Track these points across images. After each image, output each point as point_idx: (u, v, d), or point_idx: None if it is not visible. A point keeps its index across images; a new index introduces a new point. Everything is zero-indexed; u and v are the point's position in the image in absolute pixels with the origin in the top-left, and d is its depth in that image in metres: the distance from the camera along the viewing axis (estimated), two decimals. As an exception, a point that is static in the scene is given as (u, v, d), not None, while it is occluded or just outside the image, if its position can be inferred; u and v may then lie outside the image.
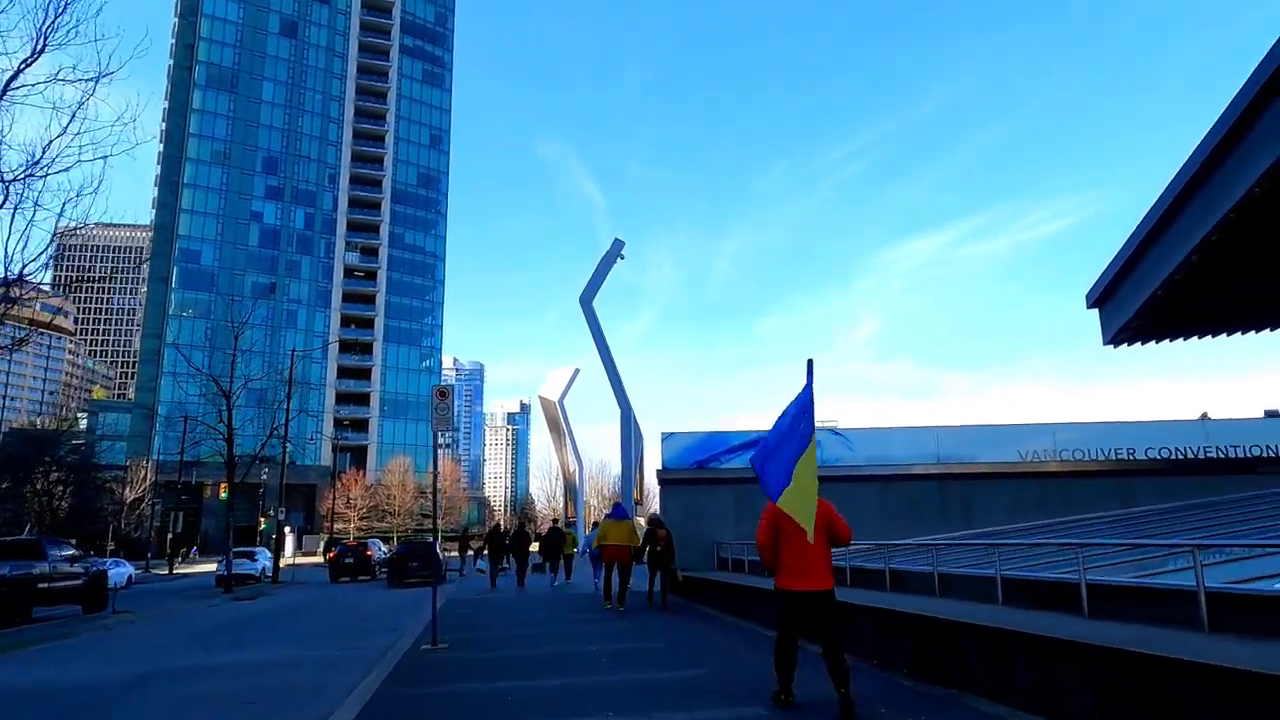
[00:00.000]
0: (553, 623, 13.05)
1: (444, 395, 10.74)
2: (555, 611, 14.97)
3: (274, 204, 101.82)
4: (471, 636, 11.67)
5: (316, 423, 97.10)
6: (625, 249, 40.13)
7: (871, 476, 18.11)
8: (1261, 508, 12.19)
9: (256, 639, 13.32)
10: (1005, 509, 17.43)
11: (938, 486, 17.92)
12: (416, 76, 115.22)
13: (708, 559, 18.06)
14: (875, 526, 17.47)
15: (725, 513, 18.22)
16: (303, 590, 28.72)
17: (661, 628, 11.97)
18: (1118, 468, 17.55)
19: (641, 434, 41.18)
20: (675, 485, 18.94)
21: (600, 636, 11.07)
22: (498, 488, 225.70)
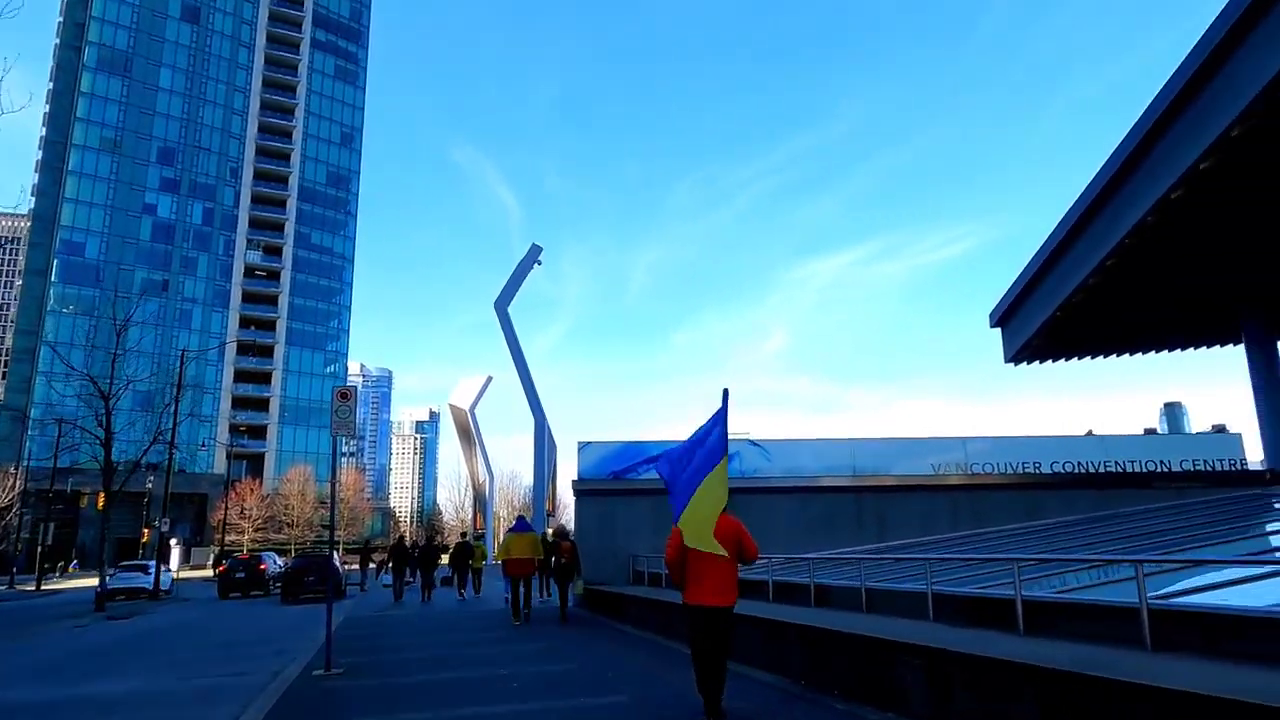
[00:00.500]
0: (460, 644, 12.25)
1: (345, 397, 9.89)
2: (462, 630, 14.15)
3: (169, 197, 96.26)
4: (370, 660, 10.78)
5: (210, 428, 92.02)
6: (542, 255, 39.33)
7: (789, 489, 17.97)
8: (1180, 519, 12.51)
9: (121, 667, 12.00)
10: (919, 521, 17.55)
11: (854, 499, 17.92)
12: (329, 72, 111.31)
13: (623, 572, 17.53)
14: (793, 539, 17.30)
15: (642, 525, 17.73)
16: (187, 608, 26.70)
17: (576, 648, 11.36)
18: (1025, 481, 17.95)
19: (555, 444, 40.35)
20: (591, 496, 18.34)
21: (512, 658, 10.38)
22: (404, 498, 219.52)
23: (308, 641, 13.81)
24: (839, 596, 10.09)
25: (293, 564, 28.34)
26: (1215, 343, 23.89)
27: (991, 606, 7.37)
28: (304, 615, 20.52)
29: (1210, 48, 9.28)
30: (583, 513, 18.38)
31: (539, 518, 36.35)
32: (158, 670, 11.32)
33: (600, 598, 16.61)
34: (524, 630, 13.71)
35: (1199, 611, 5.58)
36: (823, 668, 7.72)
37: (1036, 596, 6.89)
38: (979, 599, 7.69)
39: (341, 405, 9.81)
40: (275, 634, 16.02)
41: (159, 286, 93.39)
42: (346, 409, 9.83)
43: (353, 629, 15.15)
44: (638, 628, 13.17)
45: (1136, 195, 13.81)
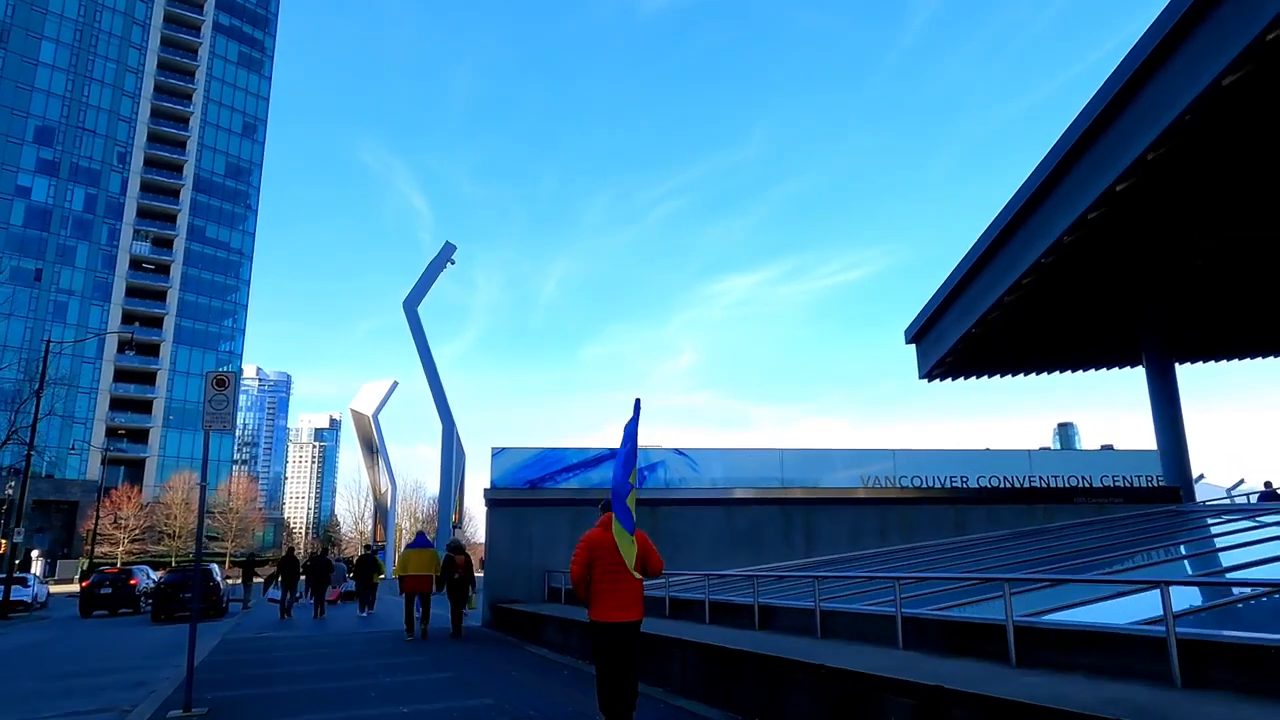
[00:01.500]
0: (351, 673, 10.73)
1: (223, 384, 8.36)
2: (354, 655, 12.57)
3: (46, 179, 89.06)
4: (243, 695, 9.19)
5: (84, 430, 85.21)
6: (455, 255, 37.66)
7: (715, 500, 17.08)
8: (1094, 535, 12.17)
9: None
10: (848, 535, 16.97)
11: (781, 512, 17.17)
12: (231, 58, 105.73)
13: (538, 590, 16.23)
14: (718, 552, 16.45)
15: (559, 537, 16.47)
16: (42, 627, 23.76)
17: (489, 677, 10.04)
18: (952, 496, 17.61)
19: (464, 452, 38.56)
20: (504, 506, 16.97)
21: (413, 693, 9.00)
22: (300, 508, 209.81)
23: (172, 670, 11.98)
24: (738, 614, 9.42)
25: (165, 578, 25.69)
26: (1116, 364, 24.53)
27: (877, 623, 7.40)
28: (175, 637, 18.33)
29: (1132, 70, 9.76)
30: (495, 524, 16.98)
31: (444, 530, 34.48)
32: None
33: (511, 617, 15.26)
34: (424, 654, 12.27)
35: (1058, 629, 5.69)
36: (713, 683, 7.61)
37: (918, 614, 6.99)
38: (866, 615, 7.71)
39: (216, 394, 8.28)
40: (135, 660, 14.00)
41: (31, 275, 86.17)
42: (223, 399, 8.30)
43: (229, 653, 13.34)
44: (557, 651, 11.93)
45: (1055, 214, 13.75)
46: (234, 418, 8.28)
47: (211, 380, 8.33)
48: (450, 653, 12.47)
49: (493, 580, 16.96)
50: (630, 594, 6.28)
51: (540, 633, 13.08)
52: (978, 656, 6.09)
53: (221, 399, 8.29)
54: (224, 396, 8.30)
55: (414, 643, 13.99)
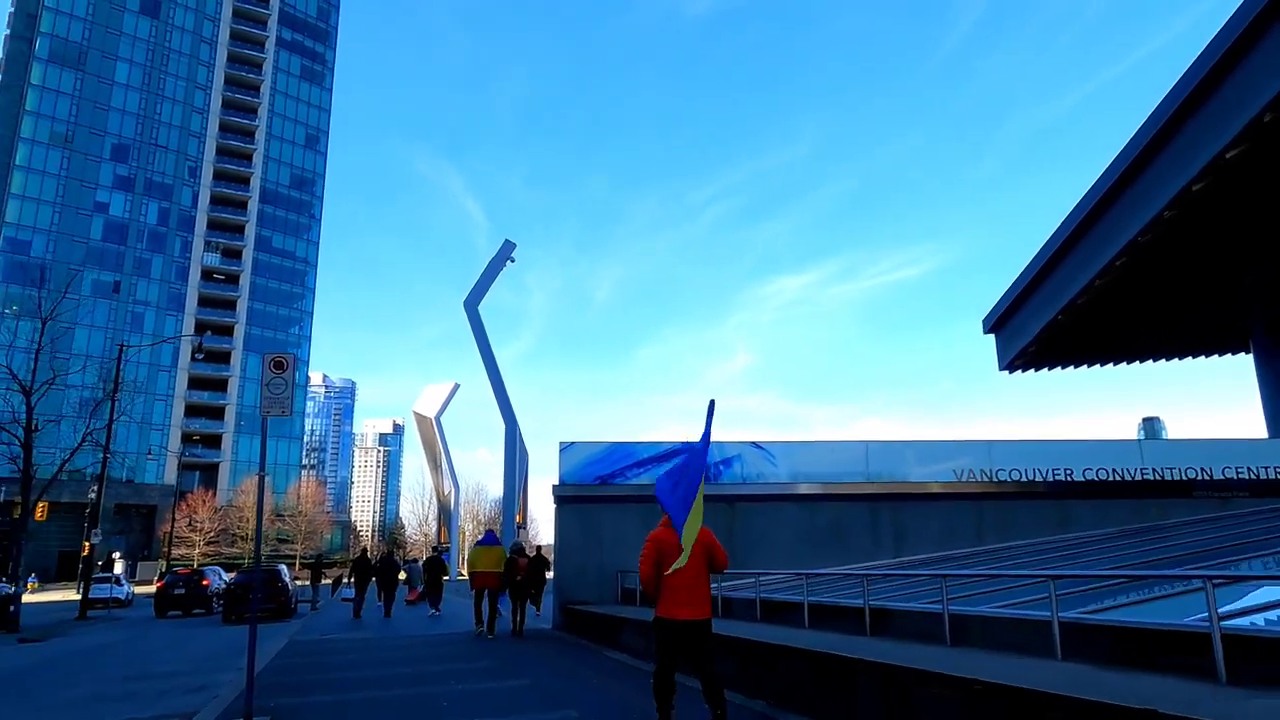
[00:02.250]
0: (420, 679, 10.06)
1: (281, 367, 7.75)
2: (424, 659, 11.93)
3: (123, 195, 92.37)
4: (306, 703, 8.57)
5: (161, 436, 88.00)
6: (514, 253, 37.26)
7: (795, 496, 16.05)
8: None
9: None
10: (940, 533, 15.75)
11: (868, 508, 16.04)
12: (294, 72, 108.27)
13: (611, 590, 15.42)
14: (799, 551, 15.41)
15: (631, 536, 15.62)
16: (115, 628, 23.96)
17: (571, 687, 9.26)
18: (1056, 490, 16.22)
19: (527, 453, 38.11)
20: (573, 503, 16.22)
21: (487, 701, 8.27)
22: (365, 512, 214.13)
23: (236, 673, 11.52)
24: (843, 617, 8.38)
25: (236, 579, 25.72)
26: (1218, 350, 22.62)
27: (1021, 630, 6.37)
28: (243, 638, 18.00)
29: (1243, 26, 9.27)
30: (564, 522, 16.24)
31: (508, 531, 34.06)
32: (35, 711, 8.99)
33: (584, 619, 14.49)
34: (495, 658, 11.56)
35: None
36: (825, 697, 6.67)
37: (1077, 619, 5.96)
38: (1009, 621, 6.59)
39: (275, 378, 7.67)
40: (202, 663, 13.65)
41: (110, 288, 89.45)
42: (281, 382, 7.68)
43: (294, 656, 12.86)
44: (638, 657, 11.07)
45: (1154, 189, 12.53)
46: (293, 402, 7.66)
47: (269, 362, 7.73)
48: (523, 657, 11.74)
49: (562, 580, 16.23)
50: (698, 592, 6.17)
51: (617, 636, 12.26)
52: (1167, 671, 5.01)
53: (280, 382, 7.68)
54: (282, 380, 7.69)
55: (484, 644, 13.34)
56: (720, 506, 15.90)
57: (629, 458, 16.26)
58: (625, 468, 16.18)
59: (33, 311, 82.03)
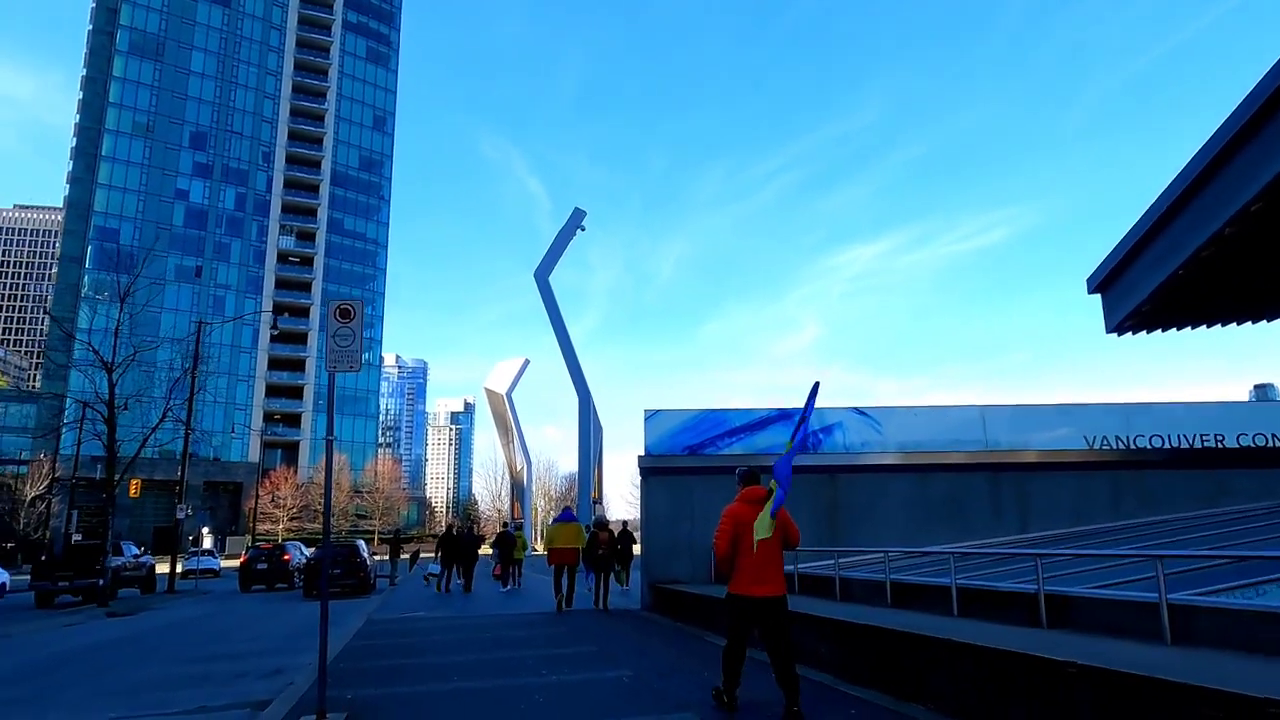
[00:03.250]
0: (508, 666, 9.11)
1: (347, 315, 6.75)
2: (509, 640, 11.01)
3: (202, 182, 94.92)
4: (385, 695, 7.66)
5: (245, 416, 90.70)
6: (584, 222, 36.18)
7: (905, 466, 14.58)
8: None
9: (51, 693, 9.08)
10: (1071, 505, 14.10)
11: (987, 479, 14.48)
12: (360, 54, 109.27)
13: (704, 569, 14.28)
14: (910, 527, 13.98)
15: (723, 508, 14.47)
16: (200, 602, 24.08)
17: (675, 681, 8.14)
18: (1207, 458, 14.36)
19: (601, 425, 37.25)
20: (661, 475, 15.09)
21: (586, 695, 7.22)
22: (440, 489, 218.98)
23: (314, 655, 10.81)
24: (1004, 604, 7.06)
25: (316, 554, 25.57)
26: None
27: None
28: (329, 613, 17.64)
29: None
30: (652, 495, 15.15)
31: (584, 505, 33.32)
32: (92, 701, 8.34)
33: (678, 600, 13.39)
34: (588, 642, 10.56)
35: None
36: None
37: None
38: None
39: (341, 328, 6.68)
40: (280, 641, 13.07)
41: (192, 273, 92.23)
42: (348, 333, 6.69)
43: (372, 638, 12.12)
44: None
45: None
46: (361, 355, 6.66)
47: (334, 311, 6.73)
48: (620, 643, 10.69)
49: (650, 557, 15.16)
50: (772, 568, 6.15)
51: (717, 619, 11.09)
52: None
53: (346, 333, 6.68)
54: (349, 330, 6.69)
55: (573, 625, 12.38)
56: (821, 478, 14.59)
57: (720, 426, 15.04)
58: (716, 437, 14.98)
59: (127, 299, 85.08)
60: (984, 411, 14.96)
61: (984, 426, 14.80)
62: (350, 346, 6.65)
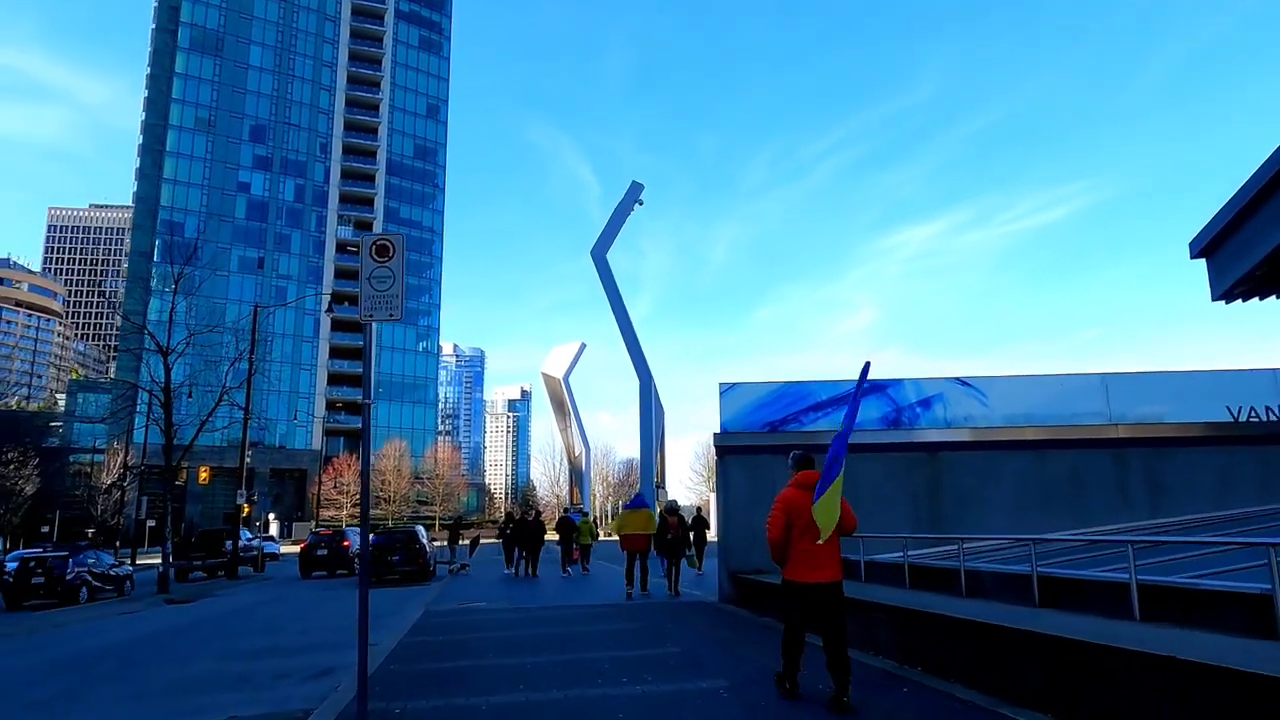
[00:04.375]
0: (579, 671, 7.91)
1: (385, 253, 5.58)
2: (577, 639, 9.83)
3: (262, 174, 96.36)
4: (440, 709, 6.50)
5: (308, 404, 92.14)
6: (643, 195, 34.84)
7: (1017, 443, 12.93)
8: None
9: (90, 688, 8.20)
10: (1212, 487, 12.30)
11: (1112, 457, 12.75)
12: (413, 43, 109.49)
13: (788, 557, 12.88)
14: (1024, 510, 12.37)
15: (811, 493, 13.07)
16: (260, 588, 23.65)
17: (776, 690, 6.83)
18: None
19: (662, 406, 35.99)
20: (740, 454, 13.73)
21: (678, 713, 5.95)
22: (498, 475, 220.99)
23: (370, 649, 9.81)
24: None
25: (372, 540, 24.92)
26: None
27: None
28: (385, 602, 16.81)
29: None
30: (729, 477, 13.79)
31: (647, 490, 32.14)
32: (116, 707, 7.41)
33: (759, 592, 12.06)
34: (669, 643, 9.32)
35: None
36: None
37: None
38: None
39: (378, 268, 5.48)
40: (332, 635, 12.14)
41: (254, 264, 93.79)
42: (386, 274, 5.50)
43: (428, 633, 11.07)
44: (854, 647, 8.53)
45: None
46: (403, 301, 5.45)
47: (371, 249, 5.54)
48: (700, 641, 9.41)
49: (728, 544, 13.82)
50: (828, 554, 6.05)
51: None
52: None
53: (385, 274, 5.49)
54: (388, 271, 5.50)
55: (647, 620, 11.16)
56: (919, 457, 13.05)
57: (803, 399, 13.60)
58: (799, 412, 13.54)
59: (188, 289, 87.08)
60: (1106, 380, 13.18)
61: (1106, 396, 13.03)
62: (389, 290, 5.47)
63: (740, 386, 13.89)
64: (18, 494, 60.64)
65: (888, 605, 8.27)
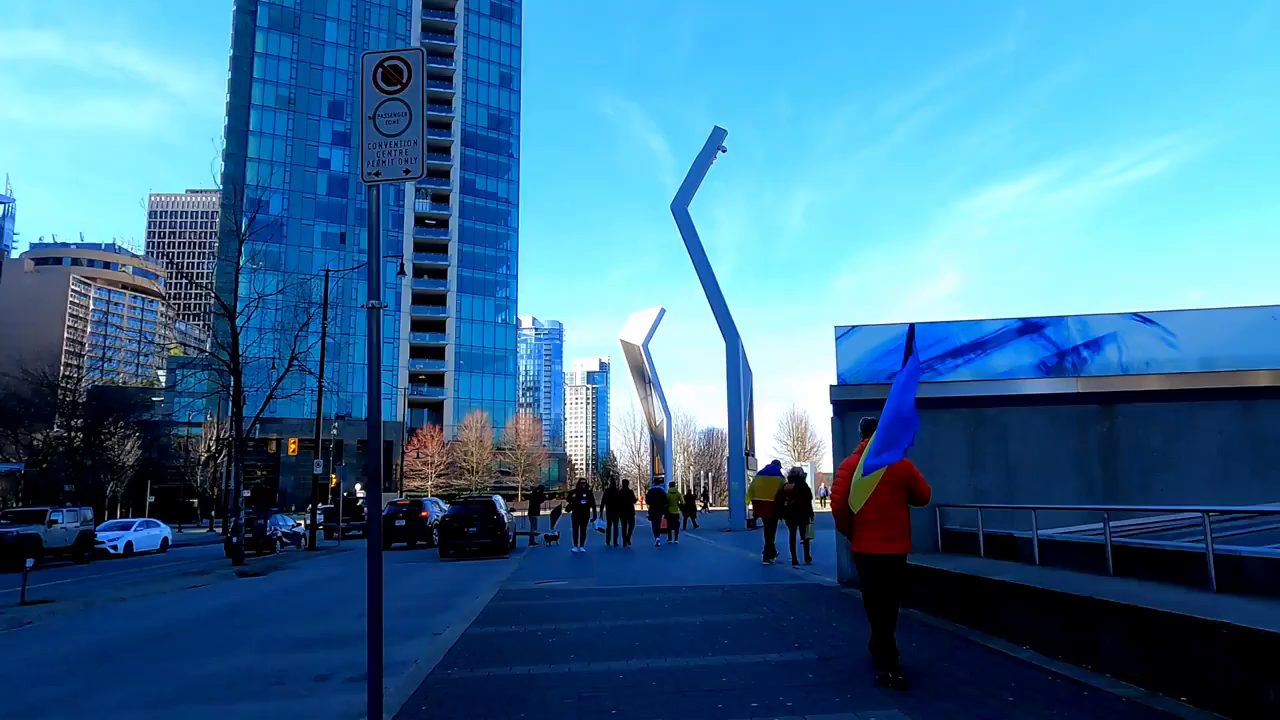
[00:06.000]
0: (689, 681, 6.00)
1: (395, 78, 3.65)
2: (681, 635, 7.95)
3: (341, 150, 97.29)
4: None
5: (391, 377, 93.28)
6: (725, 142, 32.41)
7: (1217, 391, 10.33)
8: None
9: (113, 677, 6.77)
10: None
11: (1347, 407, 10.04)
12: (484, 11, 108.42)
13: (927, 532, 10.68)
14: (1227, 474, 9.84)
15: (952, 454, 10.80)
16: (335, 561, 22.77)
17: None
18: None
19: (750, 369, 33.75)
20: (862, 411, 11.53)
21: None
22: (578, 446, 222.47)
23: (428, 642, 8.18)
24: None
25: (449, 511, 23.71)
26: None
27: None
28: (456, 579, 15.41)
29: None
30: (850, 437, 11.63)
31: (735, 459, 30.11)
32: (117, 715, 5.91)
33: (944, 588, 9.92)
34: (810, 645, 7.35)
35: None
36: None
37: None
38: None
39: (387, 101, 3.57)
40: (394, 618, 10.60)
41: (336, 240, 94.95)
42: (398, 110, 3.57)
43: (498, 622, 9.38)
44: (1040, 651, 6.36)
45: None
46: (423, 154, 3.52)
47: (374, 73, 3.61)
48: (839, 642, 7.37)
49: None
50: (889, 525, 5.74)
51: (986, 610, 7.57)
52: None
53: (397, 111, 3.57)
54: (401, 106, 3.59)
55: (766, 610, 9.20)
56: (1090, 410, 10.60)
57: (939, 344, 11.28)
58: (934, 359, 11.24)
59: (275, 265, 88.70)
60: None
61: (1340, 333, 10.27)
62: (403, 134, 3.54)
63: (861, 330, 11.65)
64: (120, 466, 62.89)
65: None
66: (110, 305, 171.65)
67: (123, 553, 29.45)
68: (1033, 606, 6.68)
